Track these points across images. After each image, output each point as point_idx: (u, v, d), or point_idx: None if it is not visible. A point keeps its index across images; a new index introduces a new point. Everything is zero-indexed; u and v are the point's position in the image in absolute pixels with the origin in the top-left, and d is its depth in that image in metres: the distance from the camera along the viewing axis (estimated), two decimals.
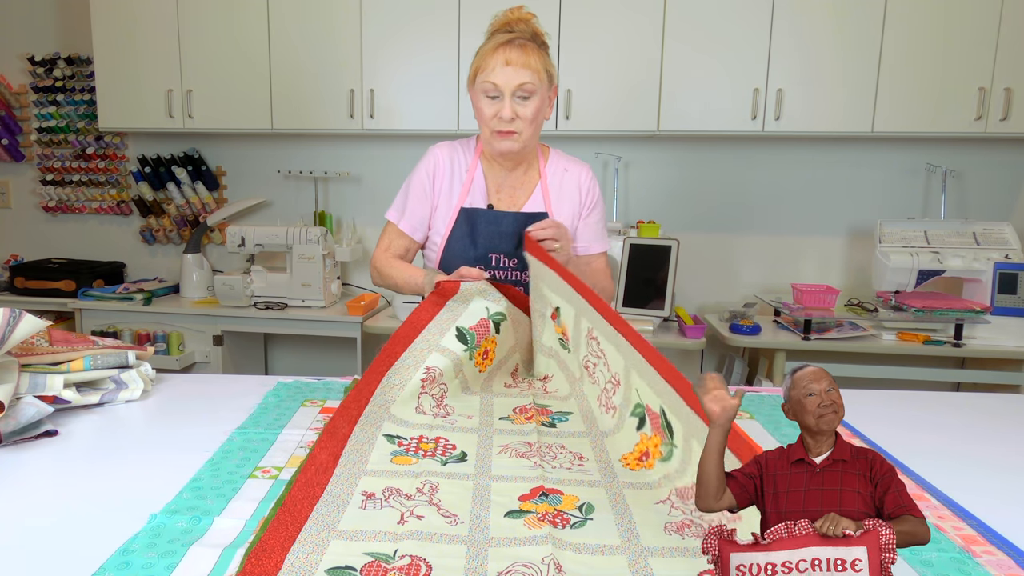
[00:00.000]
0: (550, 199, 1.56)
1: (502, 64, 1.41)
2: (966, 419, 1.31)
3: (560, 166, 1.59)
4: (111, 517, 0.87)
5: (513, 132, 1.45)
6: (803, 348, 2.66)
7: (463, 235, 1.53)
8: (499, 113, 1.43)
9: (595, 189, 1.60)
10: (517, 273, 1.54)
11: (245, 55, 2.94)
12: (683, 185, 3.17)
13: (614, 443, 1.09)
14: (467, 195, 1.55)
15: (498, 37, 1.44)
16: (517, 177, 1.57)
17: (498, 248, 1.53)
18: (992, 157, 3.01)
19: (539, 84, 1.43)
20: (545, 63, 1.45)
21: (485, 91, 1.43)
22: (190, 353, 3.00)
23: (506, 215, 1.53)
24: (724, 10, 2.72)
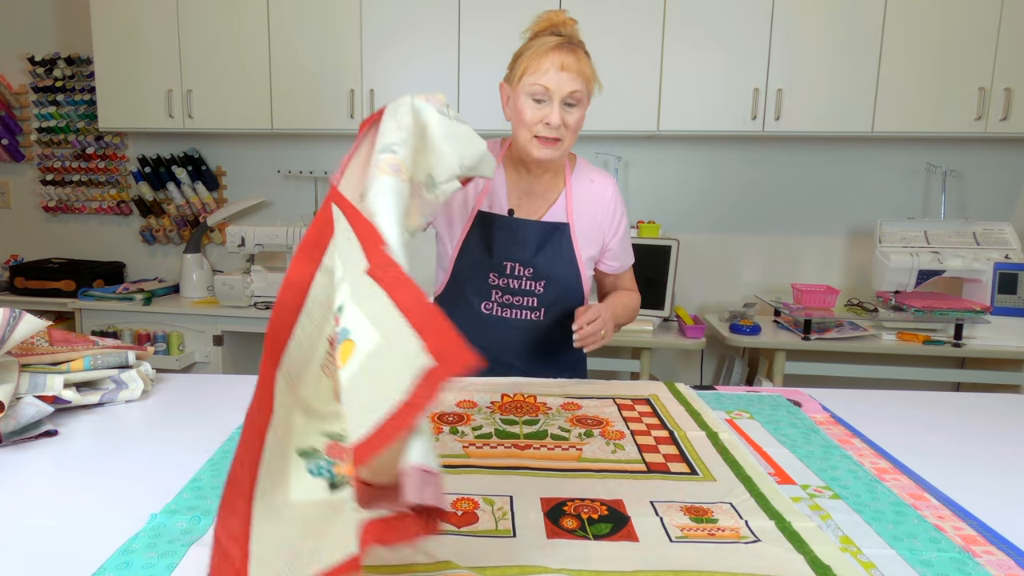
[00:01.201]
0: (573, 209, 1.51)
1: (557, 68, 1.34)
2: (966, 419, 1.31)
3: (586, 176, 1.54)
4: (111, 517, 0.87)
5: (557, 140, 1.39)
6: (803, 348, 2.66)
7: (478, 240, 1.50)
8: (546, 119, 1.37)
9: (620, 206, 1.55)
10: (532, 283, 1.50)
11: (245, 55, 2.95)
12: (683, 185, 3.17)
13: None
14: (485, 198, 1.50)
15: (549, 40, 1.37)
16: (542, 184, 1.52)
17: (513, 256, 1.49)
18: (992, 157, 3.01)
19: (587, 94, 1.40)
20: (593, 70, 1.41)
21: (532, 93, 1.37)
22: (190, 353, 3.00)
23: (524, 223, 1.49)
24: (724, 10, 2.72)
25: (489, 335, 1.52)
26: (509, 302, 1.52)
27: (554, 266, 1.49)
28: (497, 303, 1.52)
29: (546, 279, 1.50)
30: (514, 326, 1.52)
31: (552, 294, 1.51)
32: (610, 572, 0.76)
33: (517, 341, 1.52)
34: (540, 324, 1.52)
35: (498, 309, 1.52)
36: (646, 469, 1.03)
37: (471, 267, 1.50)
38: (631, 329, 2.68)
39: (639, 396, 1.36)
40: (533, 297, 1.51)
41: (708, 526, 0.86)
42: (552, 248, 1.49)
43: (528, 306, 1.52)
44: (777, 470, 1.05)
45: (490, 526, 0.85)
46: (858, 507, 0.92)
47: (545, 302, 1.51)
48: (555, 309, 1.52)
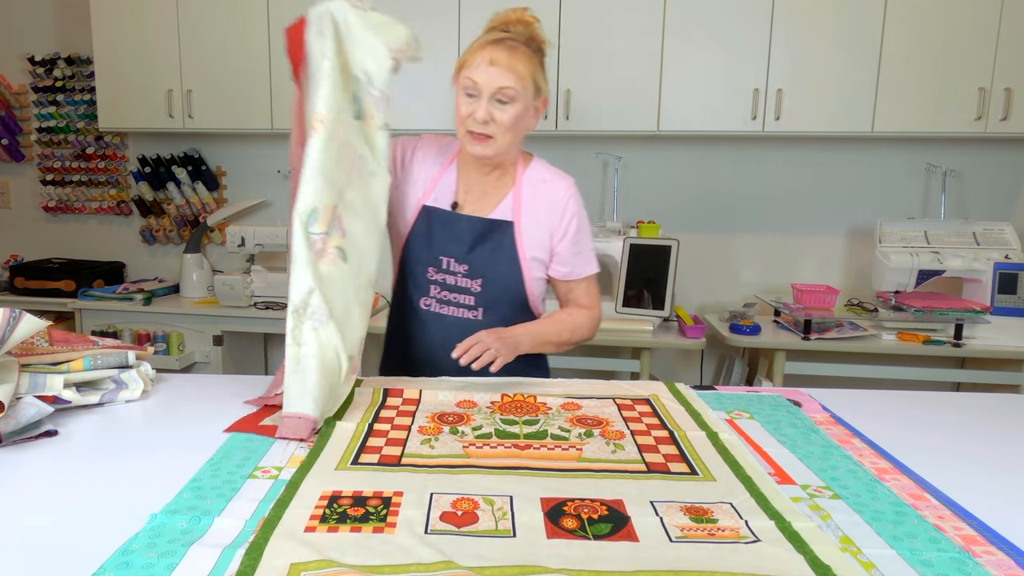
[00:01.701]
0: (521, 209, 1.46)
1: (486, 63, 1.33)
2: (966, 419, 1.31)
3: (539, 176, 1.50)
4: (111, 517, 0.87)
5: (487, 136, 1.37)
6: (803, 348, 2.66)
7: (421, 234, 1.48)
8: (474, 113, 1.35)
9: (573, 206, 1.48)
10: (467, 280, 1.47)
11: (245, 55, 2.95)
12: (683, 185, 3.17)
13: None
14: (433, 191, 1.49)
15: (490, 35, 1.37)
16: (490, 182, 1.49)
17: (449, 251, 1.46)
18: (992, 157, 3.01)
19: (522, 91, 1.35)
20: (534, 71, 1.37)
21: (465, 88, 1.36)
22: (190, 353, 3.00)
23: (462, 218, 1.47)
24: (724, 10, 2.72)
25: (427, 332, 1.50)
26: (447, 299, 1.49)
27: (492, 265, 1.46)
28: (435, 299, 1.50)
29: (483, 277, 1.46)
30: (451, 323, 1.48)
31: (490, 293, 1.47)
32: (610, 572, 0.76)
33: (453, 338, 1.45)
34: (478, 324, 1.47)
35: (436, 305, 1.50)
36: (646, 469, 1.03)
37: (413, 261, 1.49)
38: (631, 329, 2.68)
39: (639, 396, 1.36)
40: (470, 296, 1.47)
41: (708, 526, 0.86)
42: (491, 246, 1.46)
43: (465, 304, 1.48)
44: (777, 470, 1.05)
45: (490, 526, 0.85)
46: (858, 507, 0.92)
47: (483, 301, 1.47)
48: (494, 309, 1.48)
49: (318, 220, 1.23)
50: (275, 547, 0.79)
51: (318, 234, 1.23)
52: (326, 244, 1.24)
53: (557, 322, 1.50)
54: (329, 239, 1.24)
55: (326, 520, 0.86)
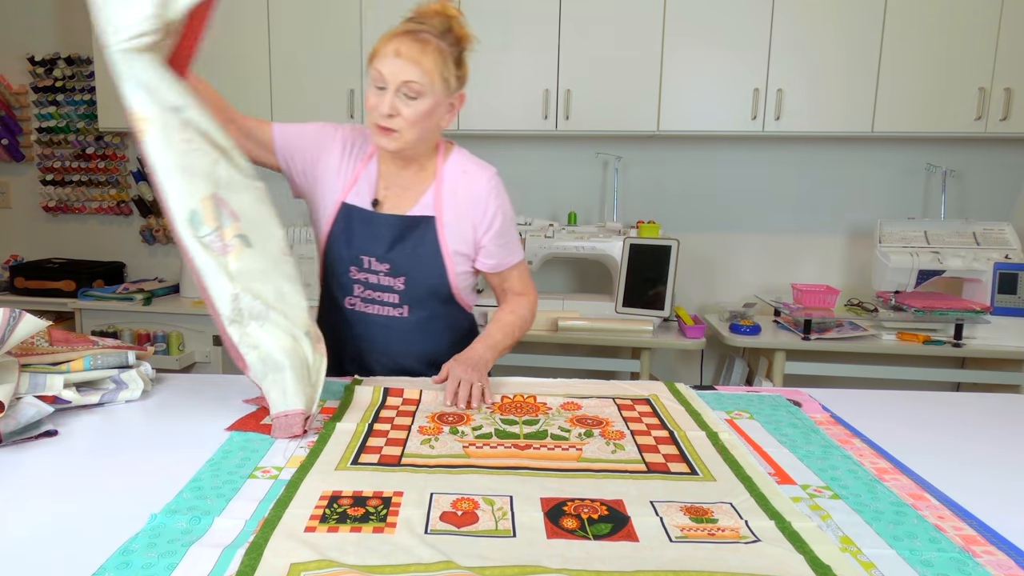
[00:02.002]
0: (442, 202, 1.43)
1: (392, 54, 1.29)
2: (966, 419, 1.31)
3: (459, 167, 1.46)
4: (111, 517, 0.87)
5: (392, 130, 1.33)
6: (803, 348, 2.66)
7: (340, 232, 1.45)
8: (379, 106, 1.31)
9: (494, 199, 1.45)
10: (389, 279, 1.44)
11: (245, 55, 2.94)
12: (683, 185, 3.17)
13: None
14: (353, 187, 1.45)
15: (402, 25, 1.32)
16: (409, 175, 1.45)
17: (369, 250, 1.43)
18: (992, 157, 3.01)
19: (429, 87, 1.30)
20: (443, 67, 1.31)
21: (373, 79, 1.33)
22: (190, 353, 3.00)
23: (382, 217, 1.43)
24: (724, 10, 2.72)
25: (354, 331, 1.49)
26: (371, 297, 1.47)
27: (413, 262, 1.43)
28: (360, 298, 1.47)
29: (406, 275, 1.44)
30: (376, 322, 1.47)
31: (414, 291, 1.45)
32: (610, 572, 0.76)
33: (380, 337, 1.47)
34: (403, 321, 1.46)
35: (361, 304, 1.48)
36: (646, 469, 1.03)
37: (334, 261, 1.46)
38: (631, 329, 2.68)
39: (639, 396, 1.36)
40: (394, 294, 1.45)
41: (708, 526, 0.86)
42: (412, 243, 1.43)
43: (389, 302, 1.46)
44: (777, 470, 1.05)
45: (490, 526, 0.85)
46: (858, 507, 0.92)
47: (407, 299, 1.46)
48: (420, 306, 1.47)
49: (202, 220, 1.13)
50: (275, 547, 0.79)
51: (210, 234, 1.13)
52: (224, 238, 1.14)
53: (505, 325, 1.49)
54: (224, 232, 1.15)
55: (326, 520, 0.86)
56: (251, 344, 1.16)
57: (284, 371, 1.15)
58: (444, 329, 1.52)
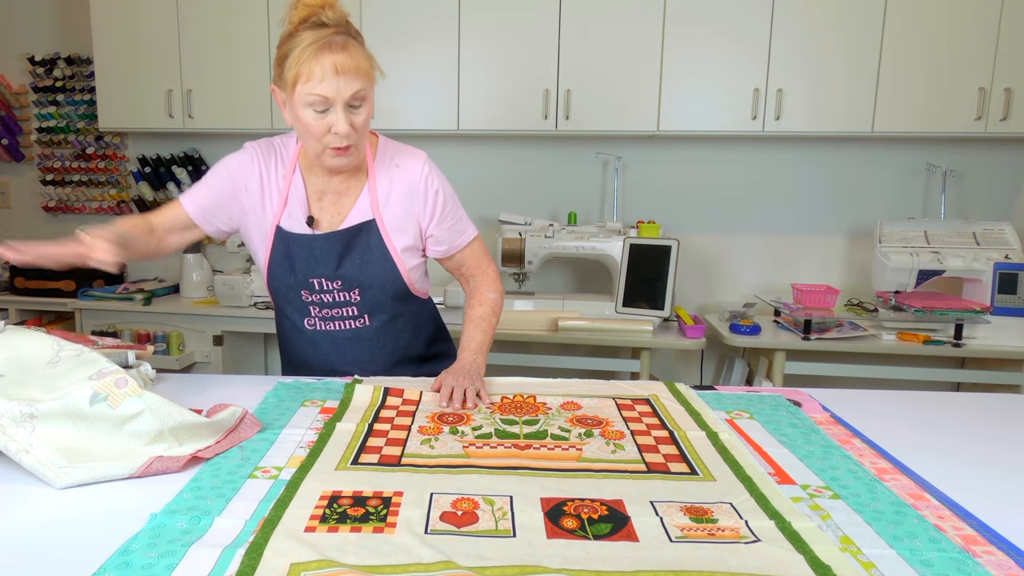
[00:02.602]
0: (379, 202, 1.39)
1: (331, 73, 1.20)
2: (966, 419, 1.31)
3: (391, 161, 1.41)
4: (111, 517, 0.87)
5: (349, 147, 1.28)
6: (803, 348, 2.66)
7: (282, 259, 1.40)
8: (333, 128, 1.24)
9: (433, 183, 1.41)
10: (344, 294, 1.42)
11: (245, 55, 2.95)
12: (683, 185, 3.17)
13: None
14: (284, 208, 1.39)
15: (312, 35, 1.20)
16: (340, 182, 1.39)
17: (316, 272, 1.39)
18: (992, 157, 3.01)
19: (370, 87, 1.27)
20: (370, 59, 1.26)
21: (312, 104, 1.22)
22: (190, 353, 3.00)
23: (319, 238, 1.38)
24: (724, 10, 2.72)
25: (319, 349, 1.48)
26: (329, 315, 1.45)
27: (364, 271, 1.40)
28: (318, 318, 1.45)
29: (359, 286, 1.41)
30: (341, 337, 1.46)
31: (371, 299, 1.43)
32: (610, 572, 0.76)
33: (349, 351, 1.47)
34: (368, 330, 1.46)
35: (320, 323, 1.46)
36: (646, 469, 1.03)
37: (282, 287, 1.43)
38: (631, 329, 2.68)
39: (639, 396, 1.36)
40: (351, 307, 1.44)
41: (708, 526, 0.86)
42: (358, 253, 1.39)
43: (349, 315, 1.45)
44: (777, 470, 1.05)
45: (490, 526, 0.85)
46: (858, 507, 0.92)
47: (366, 308, 1.44)
48: (380, 311, 1.46)
49: None
50: (275, 547, 0.79)
51: None
52: None
53: (480, 321, 1.47)
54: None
55: (326, 520, 0.86)
56: (26, 446, 0.98)
57: (90, 457, 1.00)
58: (407, 325, 1.51)
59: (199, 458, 1.04)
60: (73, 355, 1.16)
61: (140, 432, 1.03)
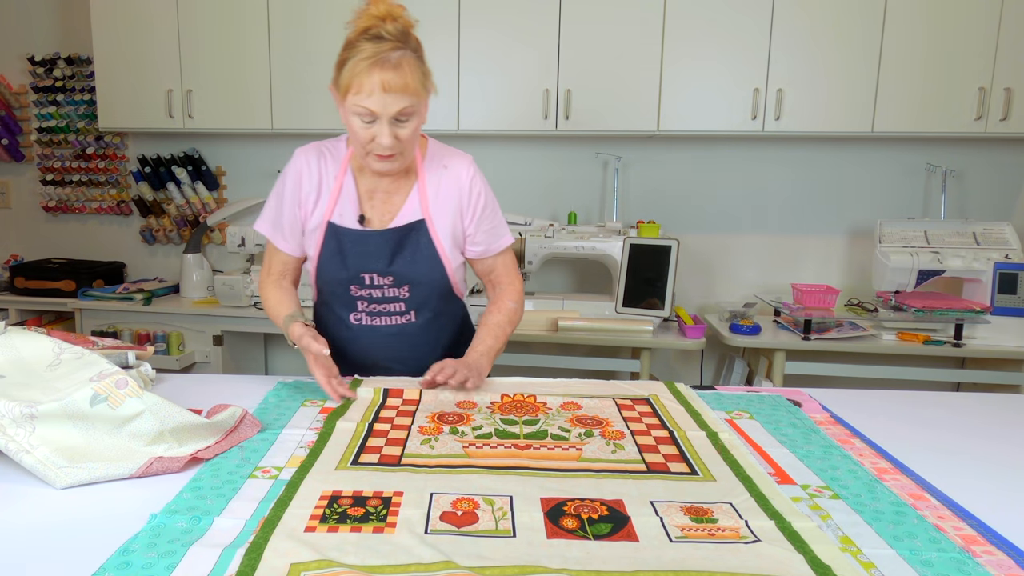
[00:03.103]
0: (428, 202, 1.43)
1: (380, 90, 1.24)
2: (966, 419, 1.31)
3: (439, 163, 1.45)
4: (111, 517, 0.87)
5: (393, 155, 1.32)
6: (803, 348, 2.66)
7: (333, 254, 1.43)
8: (377, 138, 1.29)
9: (477, 185, 1.45)
10: (394, 290, 1.45)
11: (245, 55, 2.94)
12: (683, 185, 3.17)
13: None
14: (335, 206, 1.43)
15: (369, 48, 1.24)
16: (391, 181, 1.44)
17: (369, 267, 1.43)
18: (992, 157, 3.01)
19: (418, 103, 1.30)
20: (423, 75, 1.30)
21: (359, 115, 1.28)
22: (190, 353, 3.00)
23: (372, 234, 1.42)
24: (724, 10, 2.72)
25: (362, 344, 1.51)
26: (376, 311, 1.48)
27: (415, 268, 1.44)
28: (365, 312, 1.48)
29: (409, 283, 1.45)
30: (385, 332, 1.49)
31: (419, 296, 1.47)
32: (610, 572, 0.76)
33: (392, 346, 1.49)
34: (412, 326, 1.50)
35: (367, 319, 1.49)
36: (646, 469, 1.03)
37: (331, 281, 1.46)
38: (631, 329, 2.68)
39: (639, 396, 1.36)
40: (399, 303, 1.47)
41: (708, 526, 0.86)
42: (410, 251, 1.43)
43: (396, 311, 1.48)
44: (777, 470, 1.05)
45: (490, 526, 0.85)
46: (858, 507, 0.92)
47: (413, 304, 1.48)
48: (425, 308, 1.49)
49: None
50: (275, 547, 0.79)
51: None
52: None
53: (495, 327, 1.49)
54: None
55: (326, 520, 0.86)
56: (26, 446, 0.98)
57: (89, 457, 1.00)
58: (447, 324, 1.55)
59: (199, 458, 1.04)
60: (74, 357, 1.17)
61: (140, 433, 1.03)
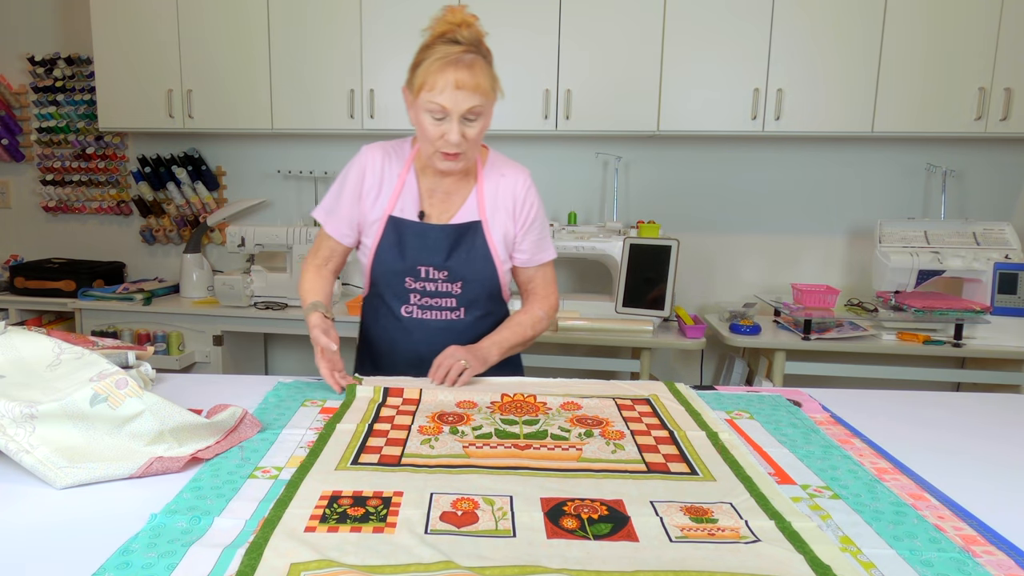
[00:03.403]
0: (485, 206, 1.51)
1: (452, 87, 1.33)
2: (966, 419, 1.31)
3: (497, 171, 1.54)
4: (111, 517, 0.87)
5: (459, 154, 1.40)
6: (803, 348, 2.66)
7: (391, 245, 1.50)
8: (446, 135, 1.36)
9: (531, 199, 1.54)
10: (447, 285, 1.51)
11: (245, 55, 2.95)
12: (683, 185, 3.17)
13: None
14: (397, 202, 1.50)
15: (444, 50, 1.34)
16: (452, 183, 1.51)
17: (426, 260, 1.49)
18: (992, 157, 3.01)
19: (488, 104, 1.38)
20: (492, 78, 1.39)
21: (430, 111, 1.36)
22: (190, 353, 3.00)
23: (433, 227, 1.49)
24: (724, 10, 2.72)
25: (412, 337, 1.55)
26: (428, 304, 1.53)
27: (469, 266, 1.50)
28: (416, 306, 1.53)
29: (463, 280, 1.51)
30: (435, 327, 1.53)
31: (470, 293, 1.52)
32: (610, 572, 0.76)
33: (440, 341, 1.52)
34: (460, 323, 1.54)
35: (418, 311, 1.54)
36: (646, 469, 1.03)
37: (387, 272, 1.52)
38: (631, 329, 2.68)
39: (639, 396, 1.36)
40: (451, 298, 1.52)
41: (708, 526, 0.86)
42: (465, 248, 1.50)
43: (447, 307, 1.53)
44: (777, 470, 1.05)
45: (490, 526, 0.85)
46: (858, 507, 0.92)
47: (464, 301, 1.53)
48: (474, 306, 1.54)
49: None
50: (275, 547, 0.79)
51: None
52: None
53: (517, 325, 1.55)
54: None
55: (326, 520, 0.86)
56: (26, 446, 0.98)
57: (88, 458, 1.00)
58: (492, 325, 1.59)
59: (199, 458, 1.04)
60: (74, 358, 1.17)
61: (140, 433, 1.03)
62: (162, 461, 1.01)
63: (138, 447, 1.03)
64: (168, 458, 1.02)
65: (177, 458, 1.02)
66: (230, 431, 1.13)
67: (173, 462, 1.01)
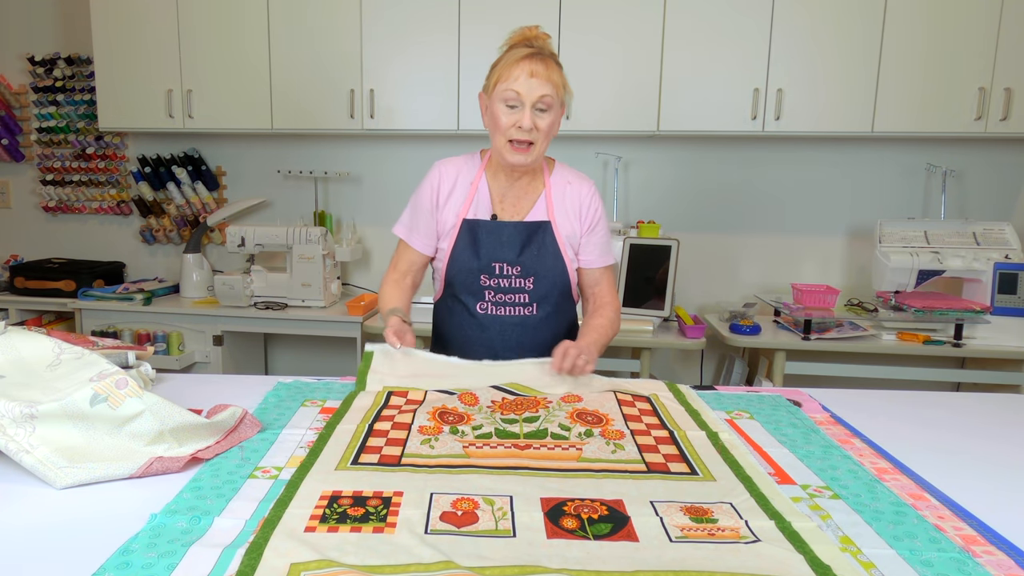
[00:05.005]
0: (553, 208, 1.59)
1: (527, 75, 1.44)
2: (966, 419, 1.31)
3: (564, 179, 1.62)
4: (111, 517, 0.87)
5: (530, 143, 1.48)
6: (803, 348, 2.66)
7: (466, 246, 1.57)
8: (519, 122, 1.46)
9: (596, 204, 1.62)
10: (520, 280, 1.57)
11: (245, 55, 2.94)
12: (683, 185, 3.17)
13: None
14: (470, 206, 1.58)
15: (521, 50, 1.47)
16: (522, 187, 1.60)
17: (500, 257, 1.56)
18: (992, 157, 3.01)
19: (557, 99, 1.47)
20: (563, 79, 1.49)
21: (506, 99, 1.46)
22: (190, 353, 3.00)
23: (506, 224, 1.57)
24: (724, 10, 2.72)
25: (487, 333, 1.60)
26: (502, 300, 1.59)
27: (540, 262, 1.57)
28: (491, 302, 1.59)
29: (534, 275, 1.57)
30: (509, 322, 1.59)
31: (542, 289, 1.58)
32: (610, 572, 0.76)
33: (513, 336, 1.59)
34: (533, 318, 1.60)
35: (492, 308, 1.60)
36: (646, 469, 1.03)
37: (462, 272, 1.58)
38: (631, 329, 2.68)
39: (639, 393, 1.36)
40: (524, 294, 1.58)
41: (708, 526, 0.86)
42: (536, 245, 1.57)
43: (520, 302, 1.59)
44: (777, 470, 1.05)
45: (490, 526, 0.85)
46: (858, 507, 0.92)
47: (536, 297, 1.59)
48: (546, 302, 1.60)
49: None
50: (275, 547, 0.79)
51: None
52: None
53: (600, 327, 1.60)
54: None
55: (326, 520, 0.86)
56: (26, 445, 0.99)
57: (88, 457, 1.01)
58: (562, 322, 1.65)
59: (199, 458, 1.04)
60: (73, 358, 1.17)
61: (140, 433, 1.03)
62: (162, 461, 1.01)
63: (138, 447, 1.03)
64: (168, 458, 1.02)
65: (177, 458, 1.02)
66: (230, 431, 1.13)
67: (173, 462, 1.01)
